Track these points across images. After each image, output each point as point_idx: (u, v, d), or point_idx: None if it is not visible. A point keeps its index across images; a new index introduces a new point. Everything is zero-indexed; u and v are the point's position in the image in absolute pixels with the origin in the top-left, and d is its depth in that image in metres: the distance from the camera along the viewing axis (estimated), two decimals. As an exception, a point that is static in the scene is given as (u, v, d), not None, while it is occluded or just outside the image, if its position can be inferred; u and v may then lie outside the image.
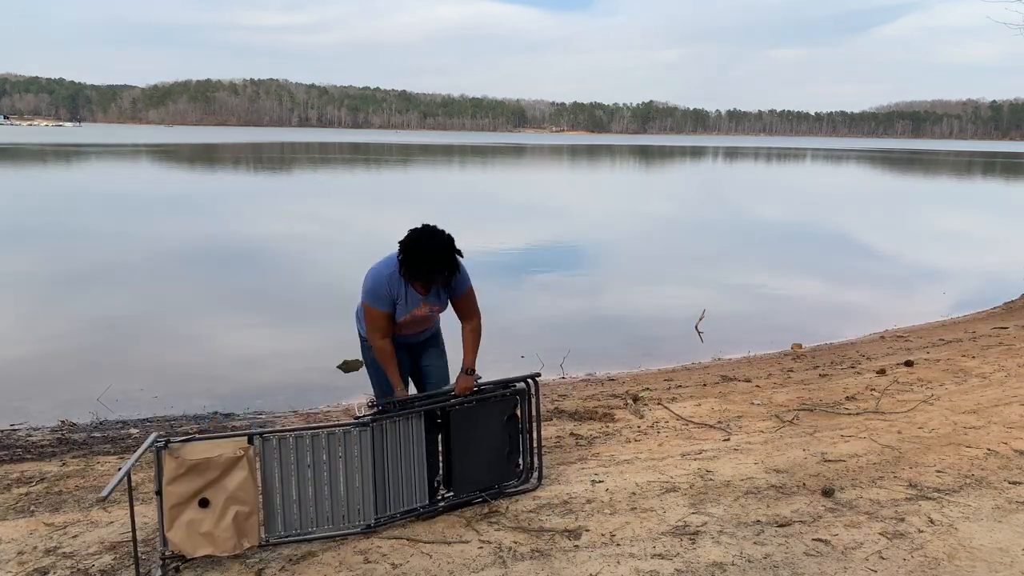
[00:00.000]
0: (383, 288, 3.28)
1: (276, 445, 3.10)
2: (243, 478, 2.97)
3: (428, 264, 3.18)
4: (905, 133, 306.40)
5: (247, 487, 2.98)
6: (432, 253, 3.17)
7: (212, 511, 2.93)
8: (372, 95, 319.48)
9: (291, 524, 3.17)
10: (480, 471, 3.56)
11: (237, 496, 2.96)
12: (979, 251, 15.54)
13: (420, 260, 3.18)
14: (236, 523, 2.96)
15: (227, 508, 2.94)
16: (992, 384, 5.69)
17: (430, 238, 3.19)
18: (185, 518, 2.91)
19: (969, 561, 2.99)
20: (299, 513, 3.17)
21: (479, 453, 3.55)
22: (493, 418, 3.58)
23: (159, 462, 2.91)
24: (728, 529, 3.27)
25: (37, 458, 4.47)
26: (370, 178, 32.63)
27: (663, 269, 12.65)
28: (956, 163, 65.62)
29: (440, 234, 3.23)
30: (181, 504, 2.90)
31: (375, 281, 3.28)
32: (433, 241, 3.19)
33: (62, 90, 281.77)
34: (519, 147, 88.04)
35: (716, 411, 5.17)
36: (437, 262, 3.18)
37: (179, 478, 2.87)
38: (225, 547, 2.95)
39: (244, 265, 12.08)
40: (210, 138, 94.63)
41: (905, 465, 4.00)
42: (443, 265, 3.20)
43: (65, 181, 27.90)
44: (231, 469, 2.95)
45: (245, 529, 2.99)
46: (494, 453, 3.59)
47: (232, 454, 2.95)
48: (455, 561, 3.03)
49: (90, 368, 6.81)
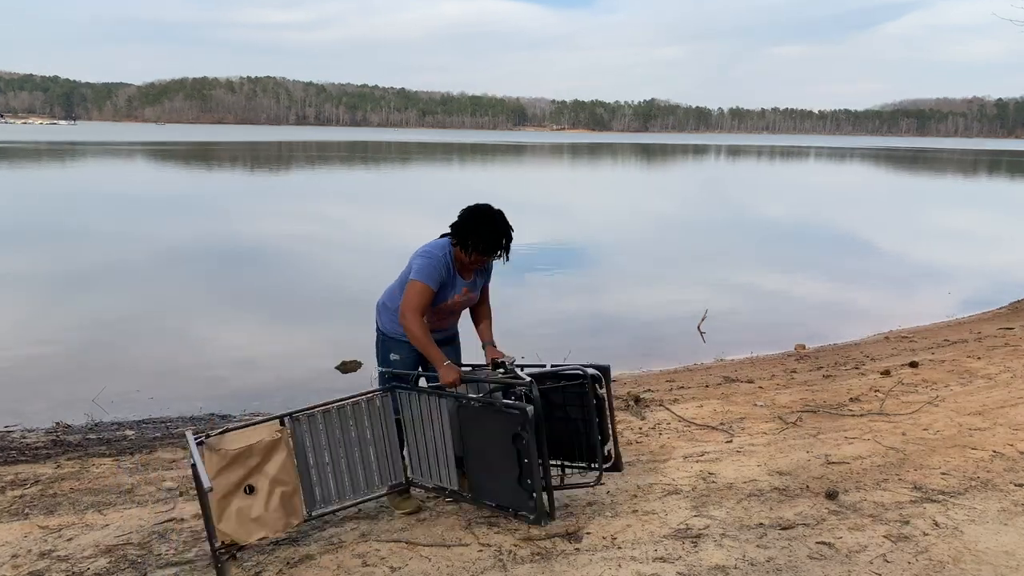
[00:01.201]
0: (440, 268, 3.34)
1: (306, 424, 3.24)
2: (283, 460, 3.09)
3: (503, 235, 3.30)
4: (909, 131, 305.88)
5: (288, 467, 3.11)
6: (503, 225, 3.31)
7: (259, 496, 3.04)
8: (370, 93, 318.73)
9: (328, 497, 3.33)
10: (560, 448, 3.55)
11: (279, 478, 3.07)
12: (984, 250, 15.46)
13: (498, 232, 3.29)
14: (283, 503, 3.08)
15: (272, 491, 3.05)
16: (998, 385, 5.65)
17: (495, 213, 3.33)
18: (234, 508, 2.99)
19: (975, 564, 2.97)
20: (335, 484, 3.33)
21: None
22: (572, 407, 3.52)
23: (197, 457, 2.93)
24: (731, 532, 3.25)
25: (32, 460, 4.44)
26: (368, 177, 32.61)
27: (665, 268, 12.61)
28: (961, 161, 65.49)
29: (496, 209, 3.36)
30: (228, 495, 2.98)
31: (431, 259, 3.33)
32: (498, 215, 3.33)
33: (57, 88, 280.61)
34: (519, 146, 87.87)
35: (718, 412, 5.15)
36: (509, 232, 3.33)
37: (223, 470, 2.96)
38: (276, 527, 3.08)
39: (240, 265, 12.04)
40: (206, 136, 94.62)
41: (910, 467, 3.97)
42: (510, 236, 3.35)
43: (59, 180, 27.84)
44: (271, 453, 3.06)
45: (291, 507, 3.13)
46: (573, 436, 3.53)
47: (270, 438, 3.06)
48: (454, 564, 3.01)
49: (85, 369, 6.76)
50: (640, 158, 61.77)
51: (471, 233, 3.28)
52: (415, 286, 3.31)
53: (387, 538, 3.24)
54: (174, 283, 10.43)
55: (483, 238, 3.28)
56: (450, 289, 3.41)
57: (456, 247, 3.35)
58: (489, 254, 3.34)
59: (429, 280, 3.31)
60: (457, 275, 3.42)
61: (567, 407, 3.52)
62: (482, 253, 3.32)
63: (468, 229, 3.29)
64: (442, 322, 3.54)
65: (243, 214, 18.63)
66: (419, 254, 3.38)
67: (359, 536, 3.27)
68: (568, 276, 11.64)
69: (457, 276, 3.42)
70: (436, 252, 3.36)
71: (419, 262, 3.34)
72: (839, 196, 28.67)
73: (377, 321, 3.57)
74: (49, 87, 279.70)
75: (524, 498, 3.16)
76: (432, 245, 3.40)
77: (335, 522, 3.42)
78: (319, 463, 3.29)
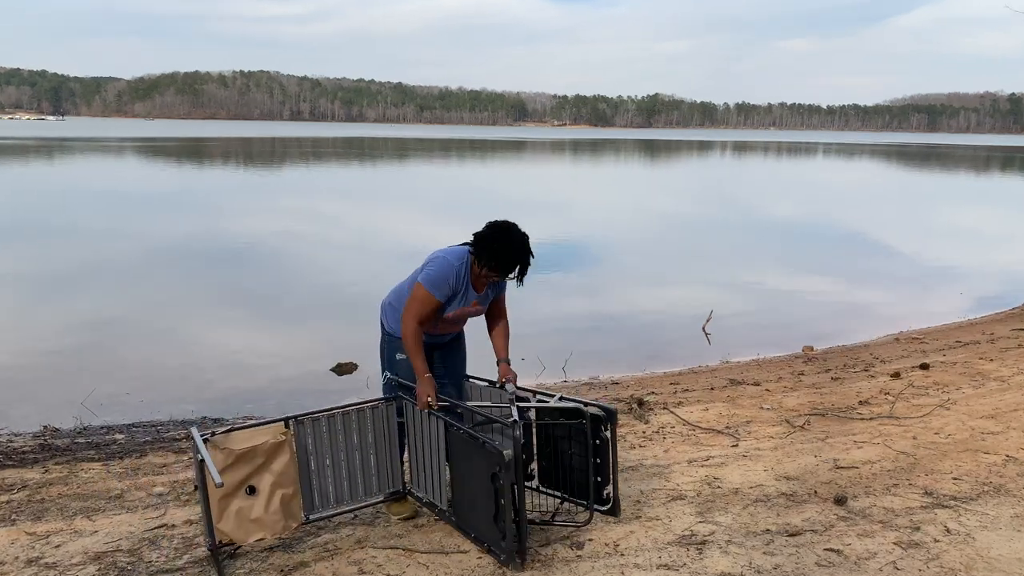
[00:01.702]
0: (450, 278, 3.28)
1: (310, 427, 3.24)
2: (286, 462, 3.10)
3: (521, 260, 3.26)
4: (920, 127, 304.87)
5: (289, 470, 3.12)
6: (523, 250, 3.25)
7: (260, 497, 3.04)
8: (367, 87, 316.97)
9: (326, 501, 3.33)
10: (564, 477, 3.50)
11: (281, 480, 3.08)
12: (997, 249, 15.31)
13: (515, 255, 3.24)
14: (283, 505, 3.09)
15: (273, 492, 3.06)
16: (1011, 388, 5.59)
17: (518, 235, 3.26)
18: (234, 508, 2.98)
19: (987, 572, 2.93)
20: (333, 489, 3.34)
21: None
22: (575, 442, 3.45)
23: (200, 455, 2.92)
24: (736, 539, 3.20)
25: (19, 465, 4.37)
26: (365, 175, 32.60)
27: (669, 268, 12.52)
28: (973, 158, 65.19)
29: (522, 232, 3.31)
30: (229, 495, 2.97)
31: (443, 269, 3.27)
32: (522, 238, 3.26)
33: (44, 82, 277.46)
34: (519, 142, 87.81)
35: (724, 416, 5.08)
36: (527, 258, 3.28)
37: (227, 468, 2.95)
38: (275, 530, 3.09)
39: (234, 265, 11.93)
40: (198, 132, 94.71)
41: (920, 472, 3.92)
42: (528, 263, 3.30)
43: (46, 177, 27.69)
44: (275, 454, 3.07)
45: (290, 510, 3.13)
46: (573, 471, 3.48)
47: (275, 439, 3.06)
48: (452, 571, 2.97)
49: (74, 371, 6.65)
50: (643, 154, 61.68)
51: (488, 249, 3.22)
52: (420, 293, 3.27)
53: (384, 545, 3.19)
54: (164, 283, 10.32)
55: (499, 258, 3.22)
56: (459, 300, 3.35)
57: (473, 257, 3.29)
58: (501, 275, 3.28)
59: (434, 289, 3.25)
60: (470, 287, 3.35)
61: (571, 440, 3.44)
62: (494, 272, 3.26)
63: (487, 244, 3.23)
64: (447, 328, 3.48)
65: (235, 212, 18.51)
66: (434, 259, 3.31)
67: (355, 543, 3.22)
68: (570, 276, 11.56)
69: (470, 288, 3.35)
70: (452, 260, 3.29)
71: (431, 269, 3.28)
72: (848, 194, 28.52)
73: (382, 321, 3.51)
74: (36, 81, 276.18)
75: (498, 538, 3.05)
76: (450, 252, 3.33)
77: (330, 528, 3.36)
78: (320, 467, 3.28)
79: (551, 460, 3.53)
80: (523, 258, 3.25)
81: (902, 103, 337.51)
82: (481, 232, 3.27)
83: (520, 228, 3.29)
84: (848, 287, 11.06)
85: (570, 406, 3.41)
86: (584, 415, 3.36)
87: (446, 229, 14.99)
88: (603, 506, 3.43)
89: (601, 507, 3.43)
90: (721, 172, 41.55)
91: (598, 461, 3.37)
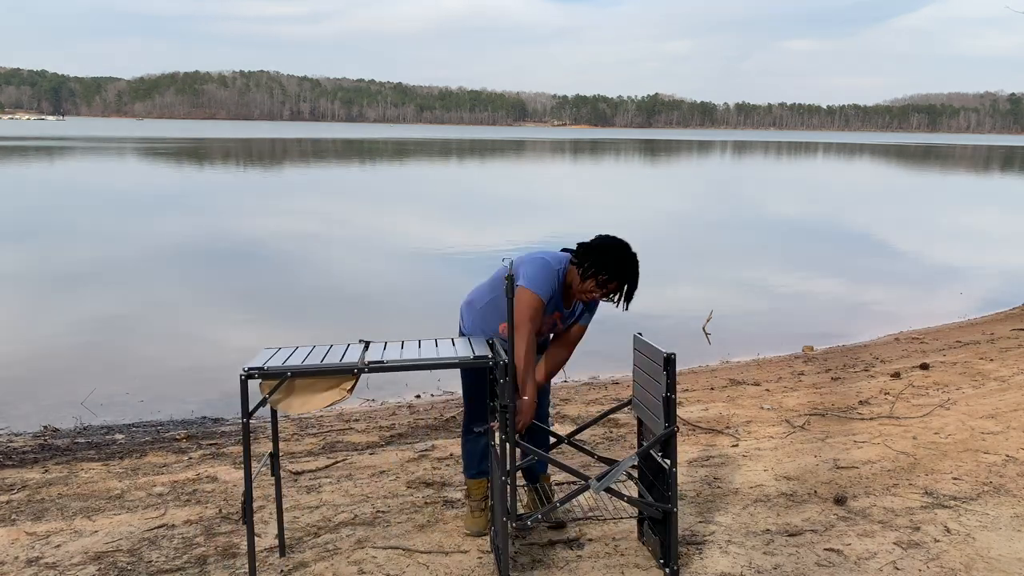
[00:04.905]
0: (552, 280, 3.01)
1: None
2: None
3: (637, 276, 3.06)
4: (921, 127, 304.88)
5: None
6: (636, 268, 3.06)
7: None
8: (367, 88, 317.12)
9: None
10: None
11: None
12: (998, 249, 15.30)
13: (634, 269, 3.06)
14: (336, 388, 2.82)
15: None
16: (1011, 388, 5.58)
17: (635, 253, 3.07)
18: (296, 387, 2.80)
19: (987, 572, 2.92)
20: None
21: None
22: None
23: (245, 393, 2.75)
24: (736, 539, 3.20)
25: (18, 465, 4.37)
26: (365, 176, 32.55)
27: (669, 268, 12.49)
28: (974, 158, 65.16)
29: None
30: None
31: (546, 269, 3.00)
32: (636, 257, 3.08)
33: (44, 82, 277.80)
34: (519, 142, 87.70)
35: (724, 416, 5.08)
36: (637, 279, 3.08)
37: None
38: (327, 401, 2.84)
39: (234, 264, 11.93)
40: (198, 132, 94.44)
41: (920, 472, 3.92)
42: (636, 284, 3.10)
43: (46, 177, 27.69)
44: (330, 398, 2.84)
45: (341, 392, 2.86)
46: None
47: (338, 397, 2.83)
48: (452, 572, 2.96)
49: (74, 371, 6.64)
50: (643, 154, 61.62)
51: (600, 259, 2.98)
52: (524, 296, 2.92)
53: (384, 545, 3.18)
54: (167, 283, 10.31)
55: (612, 269, 2.98)
56: (549, 307, 3.07)
57: (574, 266, 3.04)
58: (610, 289, 3.03)
59: (540, 289, 2.95)
60: (559, 297, 3.08)
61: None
62: (602, 286, 3.01)
63: (599, 254, 2.99)
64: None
65: (235, 212, 18.54)
66: (533, 258, 3.04)
67: (355, 543, 3.21)
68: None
69: (560, 298, 3.09)
70: (551, 263, 3.03)
71: (529, 269, 2.98)
72: (847, 193, 28.52)
73: (460, 324, 3.28)
74: (36, 81, 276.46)
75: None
76: (548, 253, 3.09)
77: (330, 528, 3.35)
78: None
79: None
80: (637, 276, 3.04)
81: (902, 103, 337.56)
82: (591, 242, 3.05)
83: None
84: (848, 287, 11.06)
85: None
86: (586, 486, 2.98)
87: (446, 229, 14.84)
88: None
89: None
90: (721, 172, 41.55)
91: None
